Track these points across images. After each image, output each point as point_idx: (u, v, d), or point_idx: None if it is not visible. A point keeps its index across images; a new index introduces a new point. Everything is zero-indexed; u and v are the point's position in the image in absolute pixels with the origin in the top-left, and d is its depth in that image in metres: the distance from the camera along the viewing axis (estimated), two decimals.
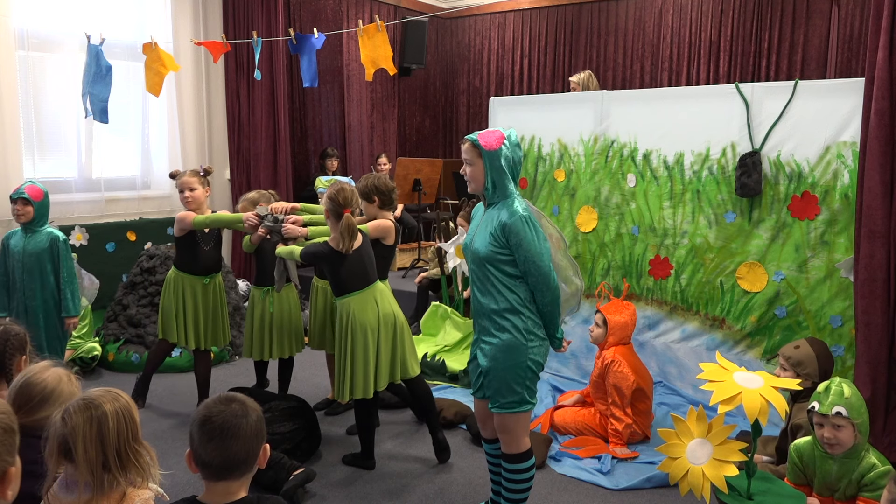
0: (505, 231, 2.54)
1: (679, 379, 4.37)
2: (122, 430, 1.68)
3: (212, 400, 1.67)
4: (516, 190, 2.64)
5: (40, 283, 4.10)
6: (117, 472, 1.65)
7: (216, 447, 1.59)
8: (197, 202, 3.92)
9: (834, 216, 3.77)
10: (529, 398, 2.65)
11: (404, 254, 7.26)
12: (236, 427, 1.61)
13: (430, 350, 4.95)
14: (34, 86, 5.51)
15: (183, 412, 4.21)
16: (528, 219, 2.54)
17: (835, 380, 2.67)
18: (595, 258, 4.69)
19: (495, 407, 2.66)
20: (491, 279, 2.61)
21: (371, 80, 5.32)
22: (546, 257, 2.56)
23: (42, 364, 2.09)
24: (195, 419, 1.64)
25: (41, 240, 4.12)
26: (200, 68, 6.61)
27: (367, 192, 3.65)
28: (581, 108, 4.69)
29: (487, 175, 2.60)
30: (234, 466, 1.62)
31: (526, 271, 2.56)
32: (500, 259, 2.58)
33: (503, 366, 2.61)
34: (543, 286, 2.56)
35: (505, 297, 2.59)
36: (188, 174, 3.93)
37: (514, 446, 2.70)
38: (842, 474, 2.65)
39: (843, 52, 6.65)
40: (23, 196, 4.02)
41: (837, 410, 2.56)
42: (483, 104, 8.67)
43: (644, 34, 7.83)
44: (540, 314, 2.63)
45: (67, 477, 1.68)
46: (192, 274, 3.98)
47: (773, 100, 3.89)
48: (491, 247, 2.58)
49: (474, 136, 2.63)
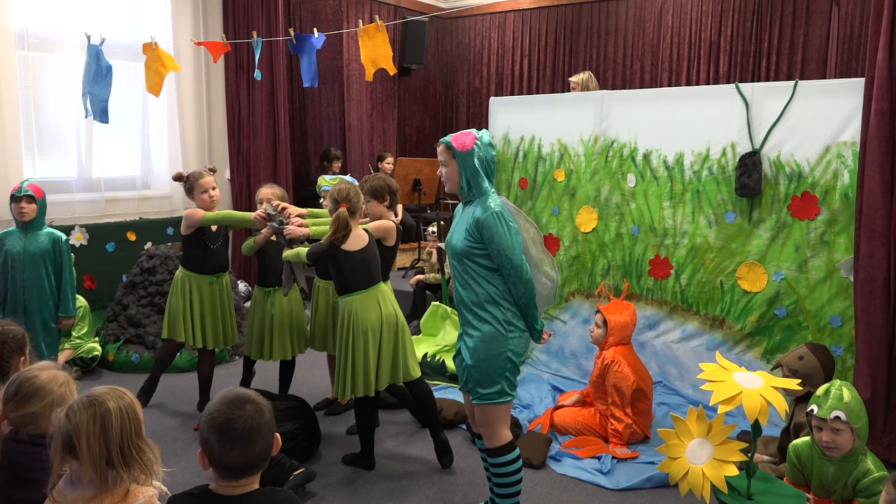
0: (478, 226, 2.65)
1: (679, 379, 4.37)
2: (125, 427, 1.69)
3: (224, 404, 1.67)
4: (491, 187, 2.75)
5: (38, 283, 4.10)
6: (121, 469, 1.66)
7: (241, 452, 1.63)
8: (219, 201, 3.99)
9: (834, 216, 3.77)
10: (509, 390, 2.73)
11: (404, 254, 7.26)
12: (257, 429, 1.65)
13: (430, 350, 4.95)
14: (34, 86, 5.51)
15: (183, 412, 4.21)
16: (500, 214, 2.64)
17: (835, 383, 2.66)
18: (595, 258, 4.69)
19: (476, 398, 2.74)
20: (470, 272, 2.72)
21: (371, 80, 5.32)
22: (518, 251, 2.65)
23: (43, 363, 2.10)
24: (212, 426, 1.64)
25: (42, 240, 4.11)
26: (200, 68, 6.62)
27: (380, 191, 3.66)
28: (581, 108, 4.69)
29: (462, 175, 2.73)
30: (257, 464, 1.69)
31: (500, 264, 2.66)
32: (476, 253, 2.69)
33: (484, 356, 2.69)
34: (516, 279, 2.65)
35: (483, 288, 2.70)
36: (206, 175, 3.95)
37: (494, 439, 2.76)
38: (838, 477, 2.65)
39: (843, 52, 6.64)
40: (28, 193, 4.01)
41: (836, 415, 2.55)
42: (483, 104, 8.67)
43: (644, 34, 7.83)
44: (516, 306, 2.72)
45: (73, 473, 1.68)
46: (200, 273, 3.97)
47: (773, 100, 3.89)
48: (467, 242, 2.70)
49: (448, 138, 2.77)
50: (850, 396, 2.59)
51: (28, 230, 4.10)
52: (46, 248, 4.10)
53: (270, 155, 6.73)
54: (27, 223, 4.08)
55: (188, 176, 3.96)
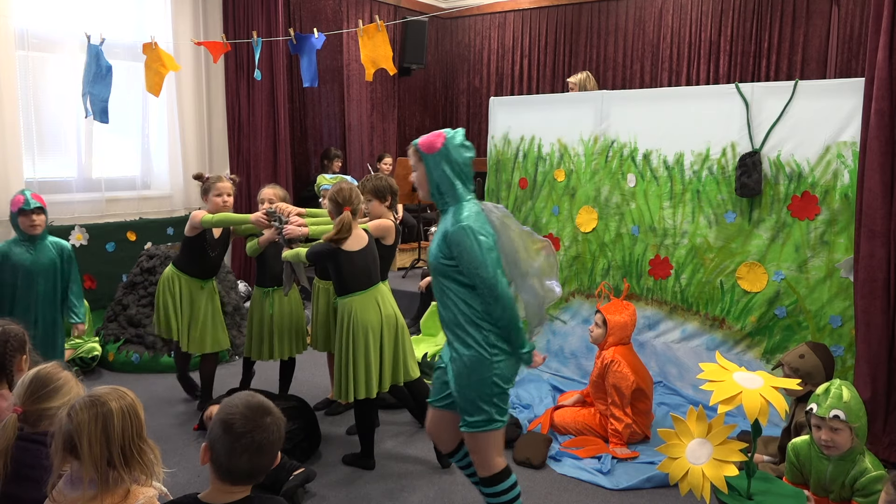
0: (447, 240, 2.42)
1: (679, 379, 4.37)
2: (126, 428, 1.69)
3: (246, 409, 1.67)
4: (467, 193, 2.49)
5: (51, 294, 4.02)
6: (122, 470, 1.67)
7: (249, 460, 1.64)
8: (230, 208, 3.97)
9: (834, 216, 3.77)
10: (498, 416, 2.47)
11: (404, 254, 7.26)
12: (271, 444, 1.66)
13: (430, 350, 4.95)
14: (34, 86, 5.51)
15: (183, 412, 4.21)
16: (469, 228, 2.38)
17: (834, 382, 2.66)
18: (595, 258, 4.69)
19: (463, 426, 2.52)
20: (446, 291, 2.48)
21: (371, 80, 5.32)
22: (490, 267, 2.37)
23: (51, 363, 2.12)
24: (228, 428, 1.63)
25: (50, 251, 4.00)
26: (200, 68, 6.61)
27: (382, 191, 3.65)
28: (581, 108, 4.69)
29: (430, 179, 2.49)
30: (258, 475, 1.68)
31: (472, 283, 2.41)
32: (450, 269, 2.45)
33: (467, 382, 2.46)
34: (491, 298, 2.38)
35: (461, 308, 2.45)
36: (224, 179, 3.96)
37: (485, 468, 2.54)
38: (836, 476, 2.65)
39: (843, 52, 6.65)
40: (39, 206, 3.90)
41: (835, 413, 2.56)
42: (483, 104, 8.66)
43: (644, 34, 7.83)
44: (498, 328, 2.45)
45: (73, 473, 1.69)
46: (190, 276, 3.97)
47: (773, 100, 3.89)
48: (440, 257, 2.47)
49: (417, 140, 2.55)
50: (850, 396, 2.60)
51: (35, 241, 3.96)
52: (54, 258, 4.02)
53: (270, 155, 6.73)
54: (35, 235, 3.95)
55: (208, 177, 3.98)
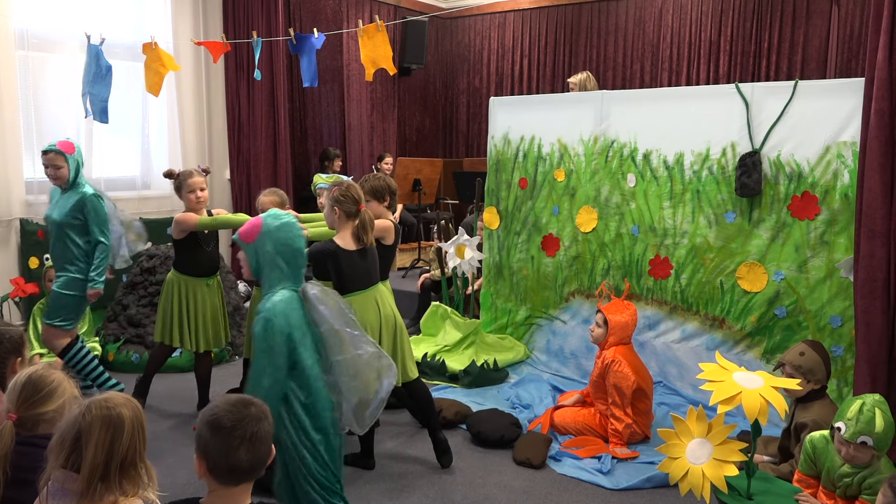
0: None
1: (679, 379, 4.37)
2: (133, 443, 1.70)
3: (228, 405, 1.70)
4: (285, 277, 2.62)
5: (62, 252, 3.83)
6: (114, 482, 1.65)
7: (247, 451, 1.65)
8: (206, 202, 3.92)
9: (834, 216, 3.77)
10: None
11: (404, 254, 7.26)
12: (264, 433, 1.69)
13: (430, 350, 4.94)
14: (34, 86, 5.51)
15: (183, 412, 4.21)
16: (269, 321, 2.51)
17: (866, 402, 2.54)
18: (595, 258, 4.69)
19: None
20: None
21: (371, 80, 5.31)
22: (265, 379, 2.49)
23: (41, 364, 2.08)
24: (217, 427, 1.66)
25: (70, 202, 3.78)
26: (200, 68, 6.61)
27: (381, 191, 3.66)
28: (581, 108, 4.69)
29: (252, 264, 2.66)
30: (258, 468, 1.70)
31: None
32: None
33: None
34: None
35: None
36: (196, 175, 3.89)
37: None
38: (848, 473, 2.64)
39: (843, 52, 6.65)
40: (53, 149, 3.66)
41: (863, 440, 2.50)
42: (483, 104, 8.66)
43: (644, 34, 7.83)
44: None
45: (58, 482, 1.66)
46: (196, 276, 3.96)
47: (773, 100, 3.90)
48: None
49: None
50: (882, 423, 2.49)
51: (64, 190, 3.80)
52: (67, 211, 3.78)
53: (270, 155, 6.73)
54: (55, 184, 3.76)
55: (179, 174, 3.92)
